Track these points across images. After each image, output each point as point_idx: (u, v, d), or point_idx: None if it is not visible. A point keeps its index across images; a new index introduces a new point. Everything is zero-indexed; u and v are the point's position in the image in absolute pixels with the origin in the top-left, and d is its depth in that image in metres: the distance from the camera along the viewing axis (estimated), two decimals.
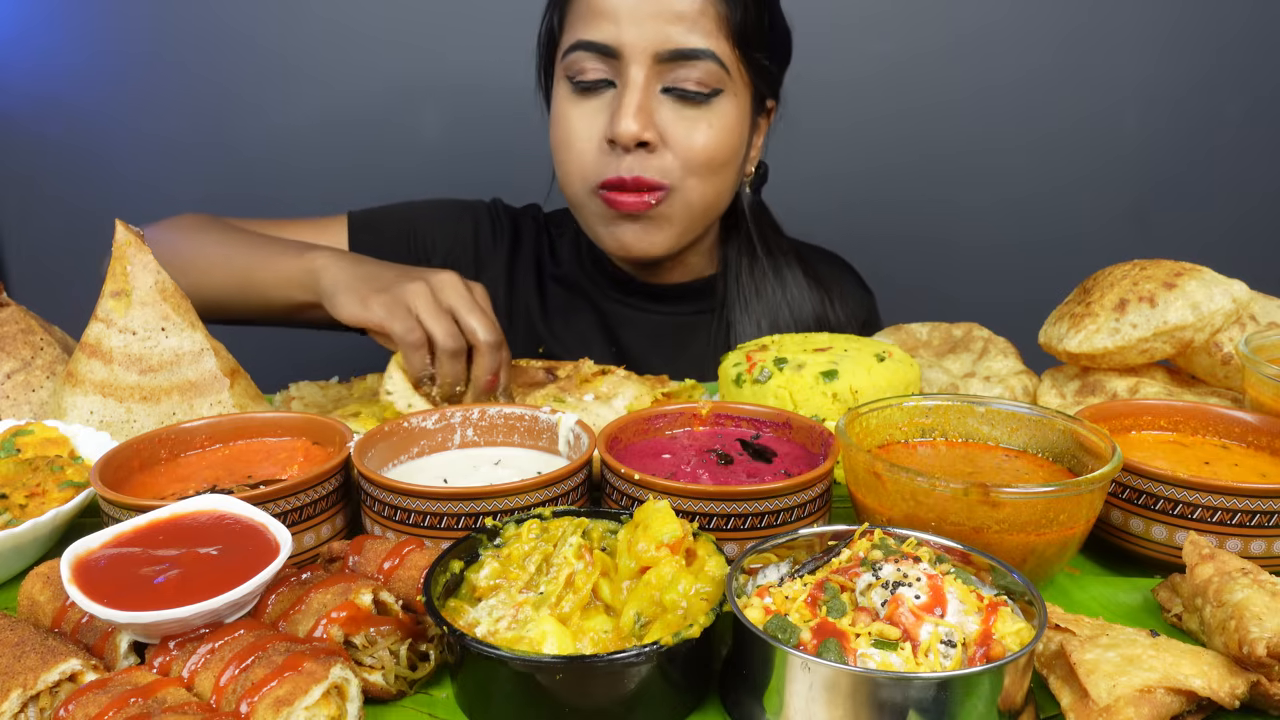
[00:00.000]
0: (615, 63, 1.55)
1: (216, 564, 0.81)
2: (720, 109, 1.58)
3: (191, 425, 1.12)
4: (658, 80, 1.55)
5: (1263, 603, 0.79)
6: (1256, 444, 1.12)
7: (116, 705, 0.71)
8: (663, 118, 1.56)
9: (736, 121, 1.61)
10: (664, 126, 1.56)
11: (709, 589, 0.81)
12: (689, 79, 1.54)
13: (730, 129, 1.59)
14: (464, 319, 1.32)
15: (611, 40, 1.53)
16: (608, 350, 1.82)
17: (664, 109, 1.56)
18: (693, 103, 1.56)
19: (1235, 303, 1.26)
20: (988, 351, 1.47)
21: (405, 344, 1.30)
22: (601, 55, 1.55)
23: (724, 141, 1.59)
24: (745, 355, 1.34)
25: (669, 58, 1.52)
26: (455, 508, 0.95)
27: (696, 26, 1.52)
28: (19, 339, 1.35)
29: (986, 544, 0.91)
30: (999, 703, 0.73)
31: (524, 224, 1.90)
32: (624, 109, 1.53)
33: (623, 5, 1.51)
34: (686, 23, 1.51)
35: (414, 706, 0.83)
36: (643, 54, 1.52)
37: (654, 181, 1.57)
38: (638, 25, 1.51)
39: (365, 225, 1.81)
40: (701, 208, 1.65)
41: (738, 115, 1.61)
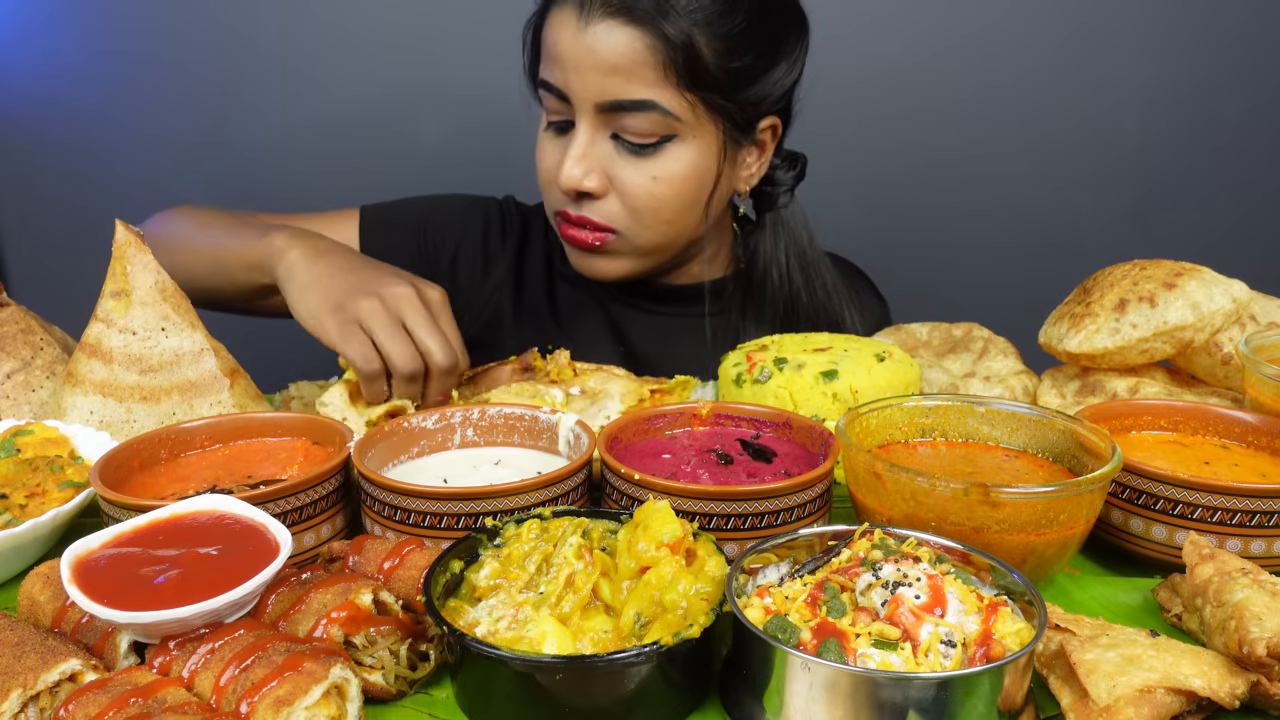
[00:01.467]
0: (568, 107, 1.53)
1: (216, 564, 0.81)
2: (671, 156, 1.53)
3: (191, 425, 1.12)
4: (605, 128, 1.52)
5: (1263, 603, 0.79)
6: (1256, 444, 1.12)
7: (116, 705, 0.71)
8: (612, 164, 1.53)
9: (693, 167, 1.55)
10: (613, 172, 1.53)
11: (709, 589, 0.81)
12: (634, 129, 1.50)
13: (683, 177, 1.54)
14: (421, 339, 1.29)
15: (561, 85, 1.51)
16: (615, 350, 1.80)
17: (612, 155, 1.53)
18: (639, 152, 1.52)
19: (1235, 303, 1.26)
20: (988, 351, 1.47)
21: (363, 375, 1.28)
22: (557, 98, 1.54)
23: (675, 190, 1.55)
24: (745, 355, 1.34)
25: (610, 109, 1.49)
26: (455, 508, 0.95)
27: (635, 77, 1.46)
28: (19, 339, 1.35)
29: (986, 544, 0.91)
30: (999, 703, 0.73)
31: (534, 222, 1.89)
32: (568, 157, 1.52)
33: (568, 52, 1.48)
34: (624, 74, 1.46)
35: (414, 706, 0.83)
36: (586, 102, 1.50)
37: (599, 223, 1.56)
38: (579, 75, 1.48)
39: (377, 220, 1.81)
40: (656, 248, 1.62)
41: (695, 158, 1.54)
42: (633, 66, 1.46)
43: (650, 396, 1.37)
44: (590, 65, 1.46)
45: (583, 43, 1.46)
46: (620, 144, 1.52)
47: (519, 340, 1.76)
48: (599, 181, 1.53)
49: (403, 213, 1.84)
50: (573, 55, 1.47)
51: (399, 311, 1.31)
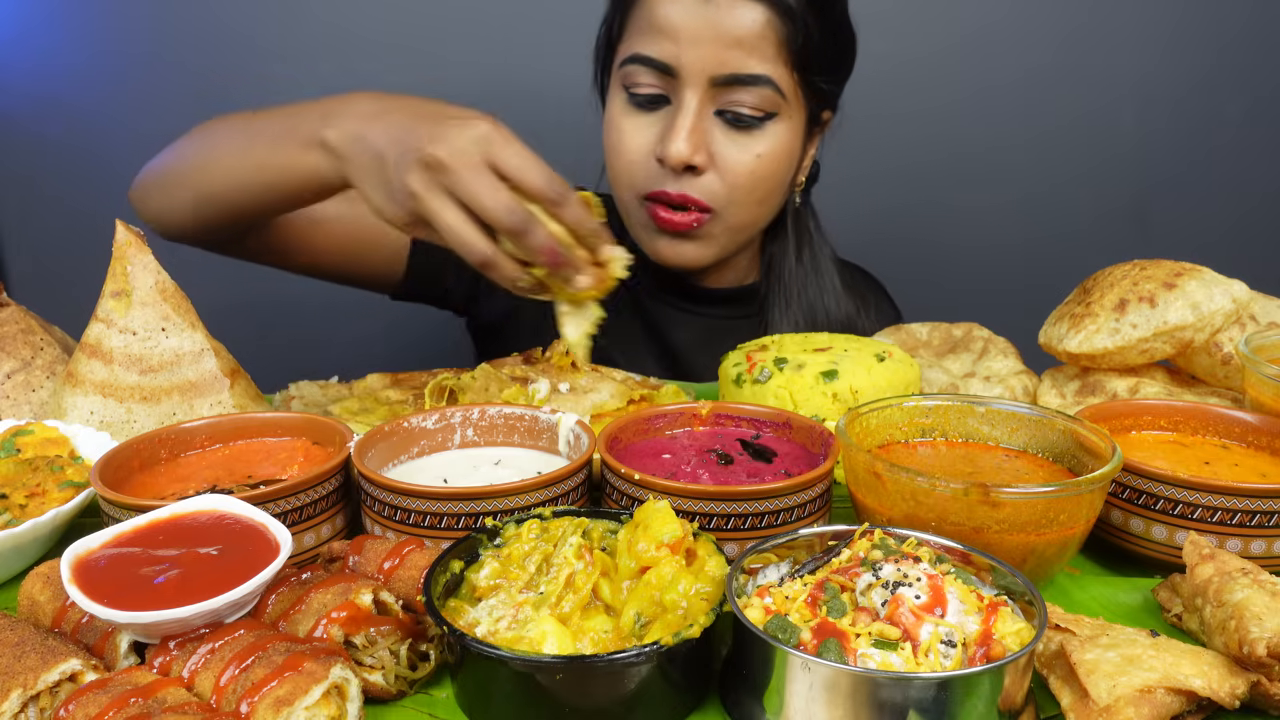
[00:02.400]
0: (671, 80, 1.53)
1: (216, 564, 0.81)
2: (772, 133, 1.56)
3: (191, 425, 1.12)
4: (711, 103, 1.53)
5: (1263, 603, 0.79)
6: (1256, 444, 1.12)
7: (116, 705, 0.71)
8: (714, 140, 1.54)
9: (788, 145, 1.59)
10: (714, 149, 1.54)
11: (709, 589, 0.81)
12: (743, 103, 1.52)
13: (780, 154, 1.58)
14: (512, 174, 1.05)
15: (669, 59, 1.50)
16: (652, 349, 1.81)
17: (715, 131, 1.54)
18: (744, 128, 1.54)
19: (1235, 303, 1.26)
20: (988, 351, 1.47)
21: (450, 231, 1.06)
22: (658, 72, 1.53)
23: (772, 168, 1.58)
24: (745, 355, 1.34)
25: (725, 82, 1.50)
26: (455, 508, 0.95)
27: (755, 51, 1.49)
28: (19, 339, 1.35)
29: (986, 544, 0.91)
30: (999, 703, 0.73)
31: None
32: (675, 131, 1.51)
33: (683, 25, 1.48)
34: (745, 47, 1.48)
35: (414, 706, 0.83)
36: (699, 76, 1.50)
37: (699, 201, 1.56)
38: (696, 47, 1.48)
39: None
40: (743, 229, 1.65)
41: (790, 138, 1.59)
42: (755, 41, 1.48)
43: (638, 401, 1.37)
44: (711, 38, 1.47)
45: (704, 15, 1.47)
46: (723, 120, 1.53)
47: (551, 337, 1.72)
48: (705, 156, 1.54)
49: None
50: (691, 27, 1.47)
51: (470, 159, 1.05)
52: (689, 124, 1.51)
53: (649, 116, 1.57)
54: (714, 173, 1.56)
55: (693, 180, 1.56)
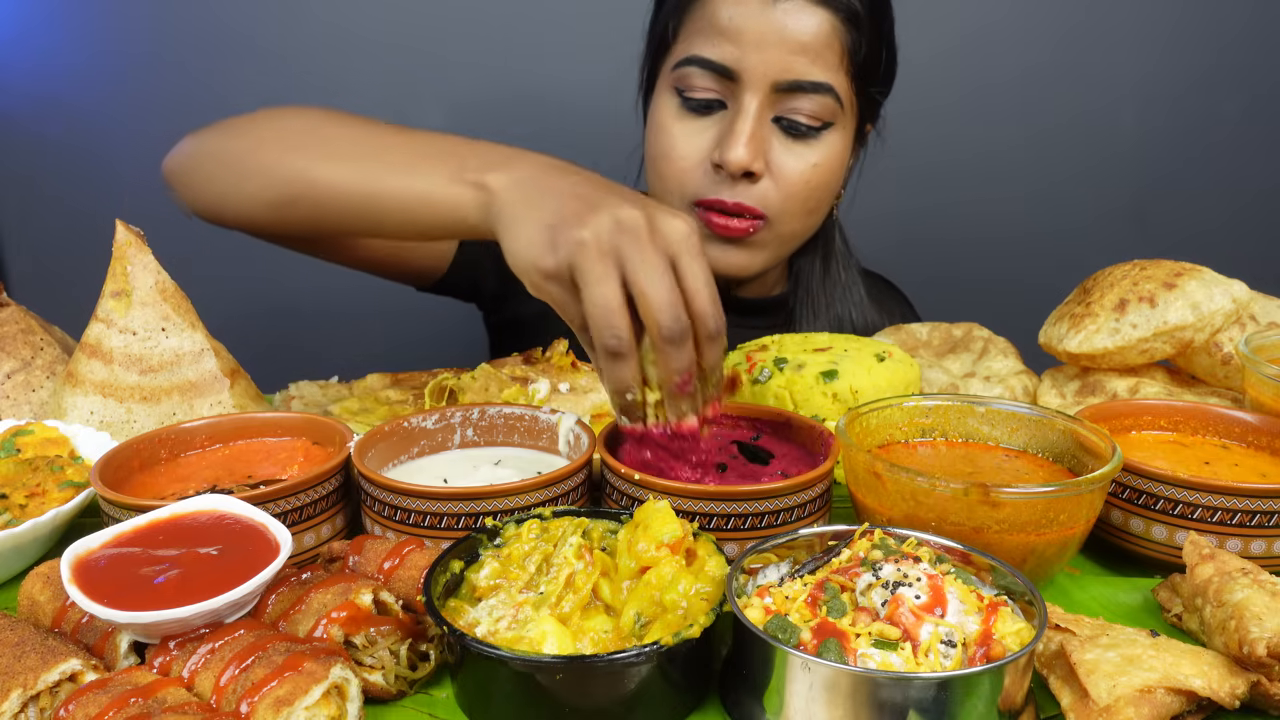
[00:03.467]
0: (730, 84, 1.49)
1: (216, 564, 0.81)
2: (827, 142, 1.54)
3: (191, 425, 1.12)
4: (770, 109, 1.50)
5: (1263, 603, 0.79)
6: (1256, 444, 1.12)
7: (117, 705, 0.71)
8: (770, 148, 1.52)
9: (841, 155, 1.58)
10: (770, 157, 1.52)
11: (709, 589, 0.81)
12: (802, 111, 1.49)
13: (834, 164, 1.57)
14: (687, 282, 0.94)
15: (731, 62, 1.47)
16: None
17: (773, 139, 1.52)
18: (801, 136, 1.52)
19: (1235, 303, 1.26)
20: (988, 351, 1.47)
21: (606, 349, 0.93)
22: (717, 75, 1.49)
23: (826, 178, 1.56)
24: (745, 355, 1.34)
25: (787, 88, 1.47)
26: (455, 508, 0.95)
27: (819, 59, 1.47)
28: (19, 339, 1.35)
29: (986, 544, 0.91)
30: (999, 703, 0.73)
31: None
32: (736, 136, 1.48)
33: (748, 28, 1.45)
34: (810, 54, 1.46)
35: (414, 706, 0.83)
36: (761, 80, 1.47)
37: (753, 209, 1.53)
38: (760, 51, 1.45)
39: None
40: (792, 238, 1.63)
41: (842, 149, 1.58)
42: (820, 48, 1.46)
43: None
44: (776, 42, 1.44)
45: (770, 19, 1.45)
46: (780, 128, 1.51)
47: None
48: (763, 164, 1.51)
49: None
50: (755, 31, 1.44)
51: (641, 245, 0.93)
52: (749, 129, 1.48)
53: (703, 121, 1.53)
54: (769, 180, 1.53)
55: (748, 188, 1.53)
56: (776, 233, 1.59)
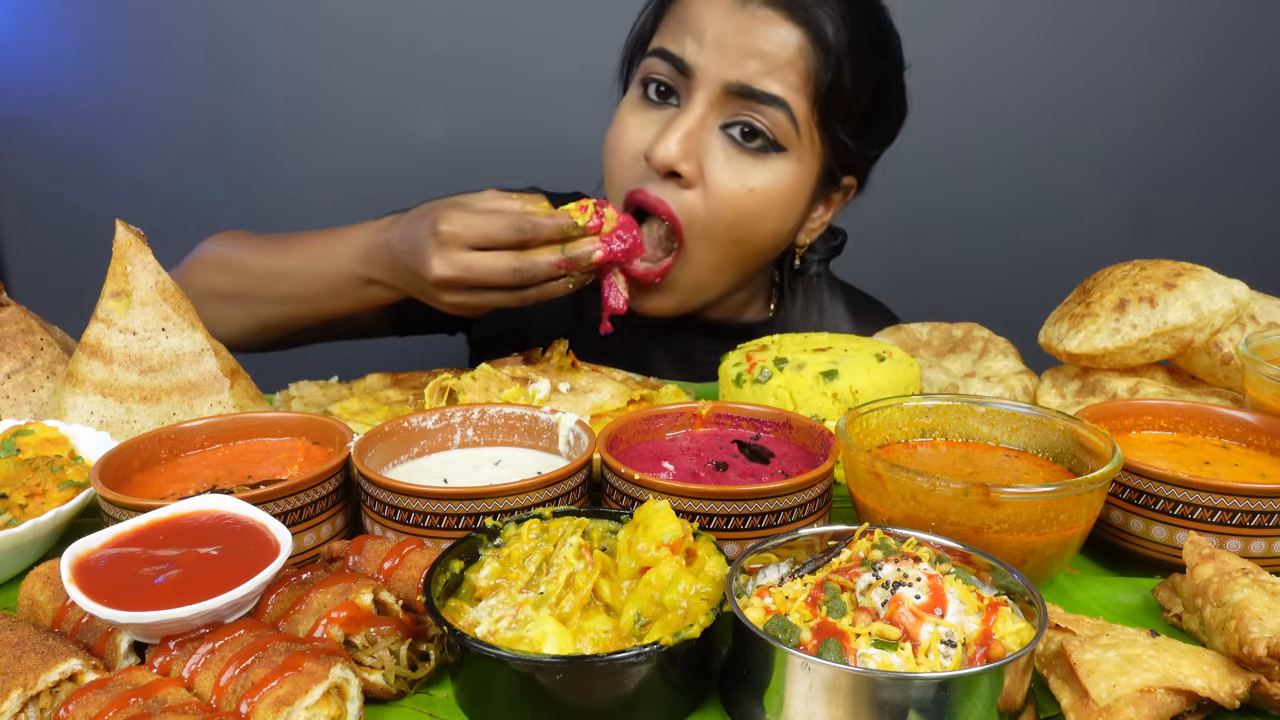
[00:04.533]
0: (686, 81, 1.46)
1: (216, 564, 0.81)
2: (774, 169, 1.46)
3: (191, 425, 1.12)
4: (719, 113, 1.45)
5: (1263, 603, 0.79)
6: (1256, 444, 1.12)
7: (116, 705, 0.71)
8: (709, 155, 1.45)
9: (789, 188, 1.48)
10: (707, 165, 1.45)
11: (709, 589, 0.81)
12: (751, 124, 1.43)
13: (778, 195, 1.47)
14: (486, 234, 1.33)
15: (689, 57, 1.44)
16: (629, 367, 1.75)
17: (714, 147, 1.45)
18: (746, 151, 1.45)
19: (1235, 303, 1.26)
20: (988, 351, 1.47)
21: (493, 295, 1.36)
22: (674, 69, 1.46)
23: (764, 207, 1.47)
24: (745, 355, 1.34)
25: (738, 92, 1.42)
26: (455, 508, 0.95)
27: (778, 73, 1.41)
28: (19, 339, 1.34)
29: (986, 544, 0.91)
30: (999, 703, 0.73)
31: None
32: (670, 131, 1.43)
33: (712, 26, 1.42)
34: (769, 64, 1.41)
35: (414, 706, 0.83)
36: (714, 80, 1.43)
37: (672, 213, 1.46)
38: (719, 49, 1.42)
39: None
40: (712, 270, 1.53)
41: (793, 181, 1.48)
42: (780, 61, 1.41)
43: (638, 401, 1.37)
44: (737, 44, 1.41)
45: (736, 21, 1.42)
46: (728, 138, 1.45)
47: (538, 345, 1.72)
48: (694, 167, 1.44)
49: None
50: (718, 30, 1.41)
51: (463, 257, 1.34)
52: (687, 127, 1.43)
53: (655, 114, 1.49)
54: (700, 191, 1.46)
55: (676, 191, 1.46)
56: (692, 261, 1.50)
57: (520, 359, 1.52)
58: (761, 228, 1.51)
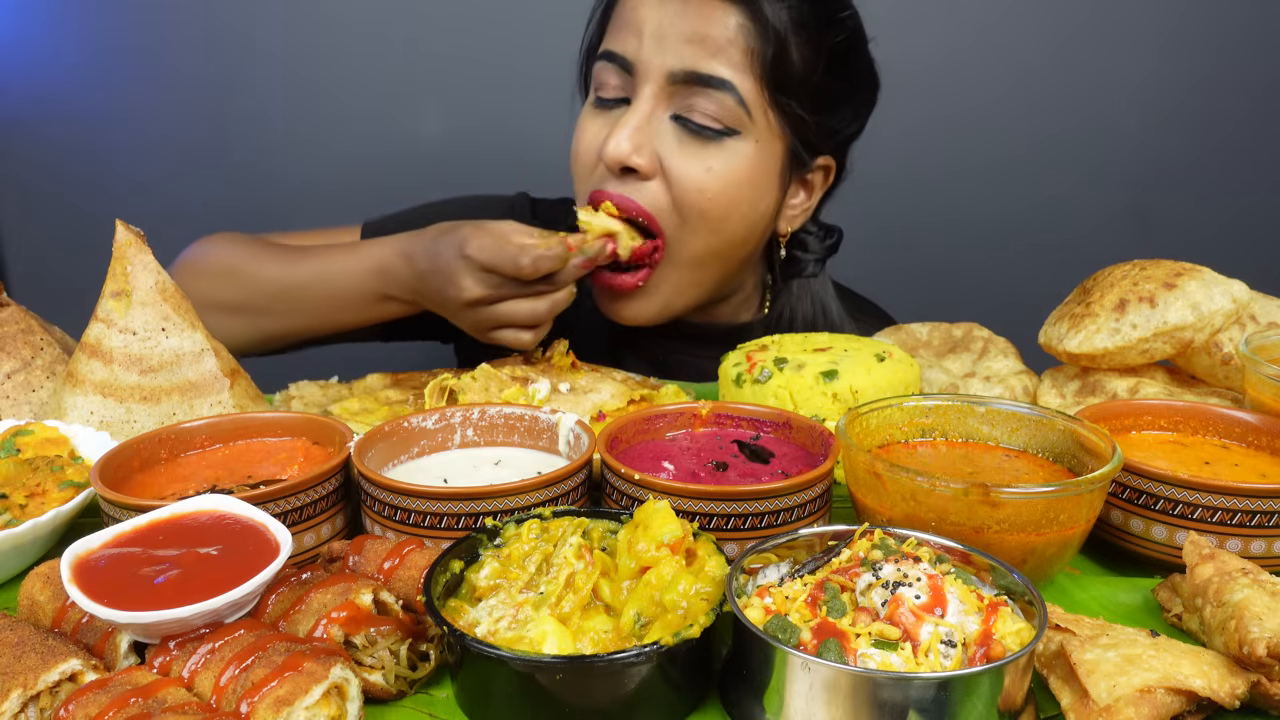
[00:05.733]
0: (631, 79, 1.46)
1: (216, 564, 0.81)
2: (731, 152, 1.44)
3: (191, 425, 1.12)
4: (668, 104, 1.44)
5: (1263, 603, 0.79)
6: (1256, 444, 1.12)
7: (116, 705, 0.71)
8: (664, 146, 1.45)
9: (749, 169, 1.46)
10: (664, 156, 1.45)
11: (709, 589, 0.81)
12: (701, 110, 1.42)
13: (738, 177, 1.45)
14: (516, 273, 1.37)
15: (630, 55, 1.44)
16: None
17: (668, 137, 1.45)
18: (700, 137, 1.43)
19: (1235, 303, 1.26)
20: (988, 351, 1.47)
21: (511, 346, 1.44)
22: (620, 70, 1.46)
23: (724, 188, 1.45)
24: (745, 355, 1.34)
25: (683, 79, 1.41)
26: (455, 508, 0.95)
27: (721, 54, 1.40)
28: (19, 339, 1.34)
29: (986, 544, 0.91)
30: (999, 703, 0.73)
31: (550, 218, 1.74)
32: (619, 128, 1.43)
33: (649, 17, 1.42)
34: (709, 47, 1.39)
35: (414, 706, 0.83)
36: (657, 72, 1.42)
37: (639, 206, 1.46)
38: (658, 41, 1.41)
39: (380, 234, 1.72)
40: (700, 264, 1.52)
41: (753, 163, 1.46)
42: (719, 42, 1.40)
43: (638, 401, 1.37)
44: (673, 32, 1.40)
45: (672, 9, 1.41)
46: (681, 126, 1.44)
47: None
48: (648, 160, 1.43)
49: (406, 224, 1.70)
50: (656, 21, 1.41)
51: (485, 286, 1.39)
52: (635, 122, 1.43)
53: (607, 116, 1.49)
54: (660, 181, 1.45)
55: (637, 185, 1.45)
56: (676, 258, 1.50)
57: (520, 359, 1.52)
58: (733, 214, 1.49)
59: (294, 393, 1.46)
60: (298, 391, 1.46)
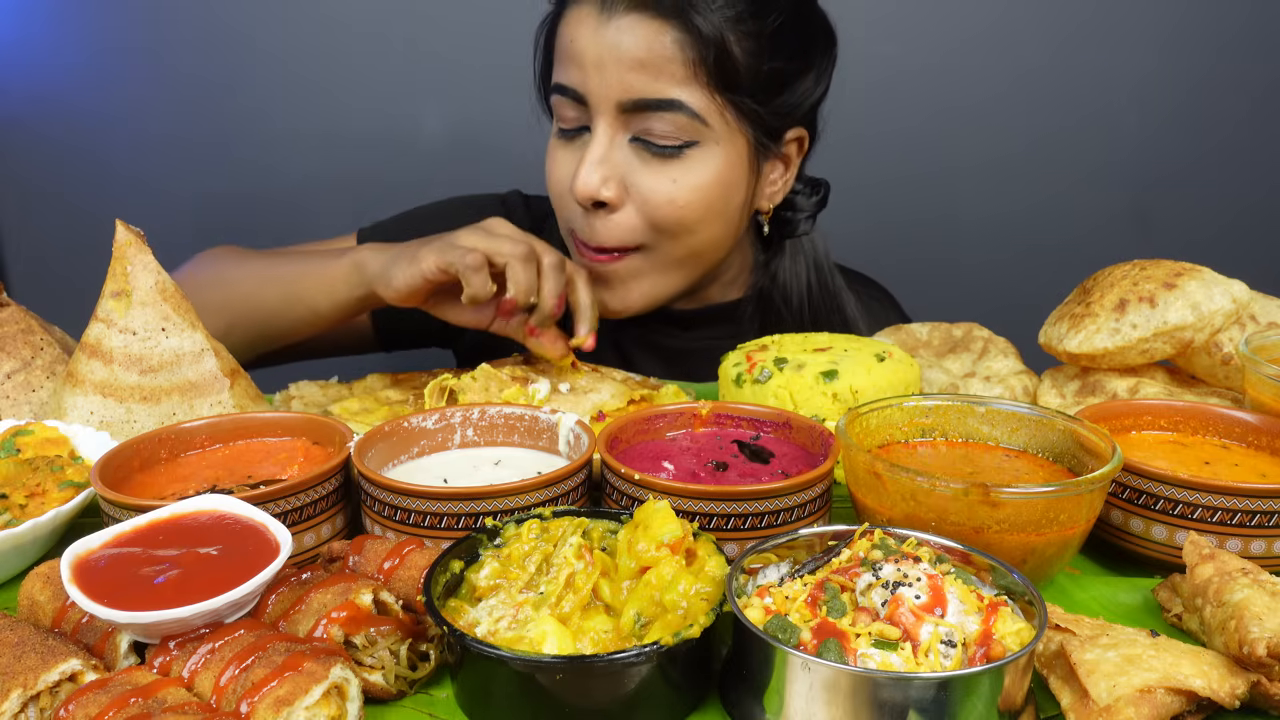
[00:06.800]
0: (586, 110, 1.46)
1: (216, 564, 0.81)
2: (694, 162, 1.46)
3: (191, 425, 1.12)
4: (624, 130, 1.45)
5: (1263, 603, 0.79)
6: (1256, 444, 1.12)
7: (116, 705, 0.71)
8: (629, 169, 1.46)
9: (717, 173, 1.47)
10: (631, 179, 1.46)
11: (709, 589, 0.81)
12: (657, 131, 1.43)
13: (705, 184, 1.47)
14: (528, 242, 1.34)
15: (579, 87, 1.45)
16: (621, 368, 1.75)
17: (631, 160, 1.46)
18: (662, 155, 1.45)
19: (1235, 303, 1.26)
20: (988, 351, 1.47)
21: (464, 266, 1.29)
22: (574, 101, 1.47)
23: (695, 199, 1.47)
24: (745, 355, 1.34)
25: (633, 108, 1.42)
26: (455, 508, 0.95)
27: (663, 75, 1.40)
28: (19, 339, 1.35)
29: (986, 544, 0.91)
30: (999, 703, 0.73)
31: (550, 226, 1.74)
32: (584, 163, 1.45)
33: (587, 51, 1.42)
34: (650, 71, 1.39)
35: (414, 706, 0.83)
36: (606, 103, 1.43)
37: (612, 246, 1.49)
38: (600, 73, 1.41)
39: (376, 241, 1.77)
40: (684, 262, 1.54)
41: (718, 167, 1.47)
42: (660, 63, 1.39)
43: (638, 401, 1.37)
44: (613, 61, 1.40)
45: (604, 38, 1.40)
46: (641, 148, 1.45)
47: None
48: (616, 191, 1.45)
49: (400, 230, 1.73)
50: (593, 51, 1.41)
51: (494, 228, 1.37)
52: (597, 154, 1.44)
53: (572, 147, 1.51)
54: (631, 207, 1.47)
55: (607, 219, 1.47)
56: (657, 259, 1.52)
57: (520, 359, 1.52)
58: (708, 216, 1.50)
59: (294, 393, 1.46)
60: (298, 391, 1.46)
